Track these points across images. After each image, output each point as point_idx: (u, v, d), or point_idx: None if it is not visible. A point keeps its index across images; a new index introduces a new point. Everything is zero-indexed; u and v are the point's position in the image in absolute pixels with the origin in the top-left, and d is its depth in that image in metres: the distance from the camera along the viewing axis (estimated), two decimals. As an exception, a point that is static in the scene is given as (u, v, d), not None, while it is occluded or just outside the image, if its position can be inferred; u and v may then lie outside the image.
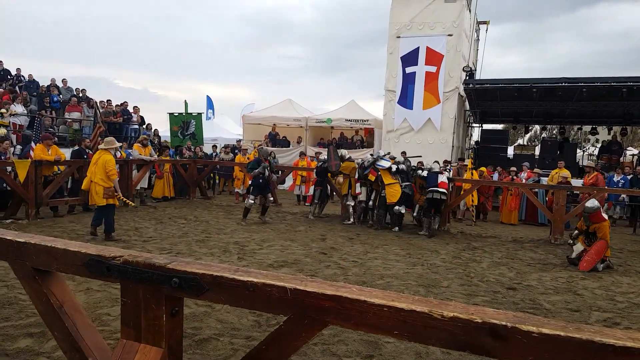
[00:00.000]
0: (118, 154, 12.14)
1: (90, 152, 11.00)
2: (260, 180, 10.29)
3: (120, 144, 9.98)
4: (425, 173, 10.19)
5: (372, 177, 10.29)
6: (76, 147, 11.63)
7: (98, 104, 15.38)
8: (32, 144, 10.87)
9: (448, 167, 11.29)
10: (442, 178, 9.84)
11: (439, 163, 10.83)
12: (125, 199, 8.87)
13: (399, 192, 9.98)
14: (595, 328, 1.18)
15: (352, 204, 10.92)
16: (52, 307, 2.03)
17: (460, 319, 1.26)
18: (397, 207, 10.11)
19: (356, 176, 10.76)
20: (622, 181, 12.56)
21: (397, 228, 10.13)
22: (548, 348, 1.15)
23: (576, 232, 8.48)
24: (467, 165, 13.09)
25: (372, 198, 10.55)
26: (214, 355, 3.73)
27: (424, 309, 1.31)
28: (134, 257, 1.82)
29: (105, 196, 7.85)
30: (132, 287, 1.80)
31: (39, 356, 3.58)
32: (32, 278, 2.04)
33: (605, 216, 8.02)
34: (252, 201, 10.41)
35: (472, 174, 12.50)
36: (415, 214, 10.69)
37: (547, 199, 11.42)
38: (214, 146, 17.30)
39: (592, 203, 7.90)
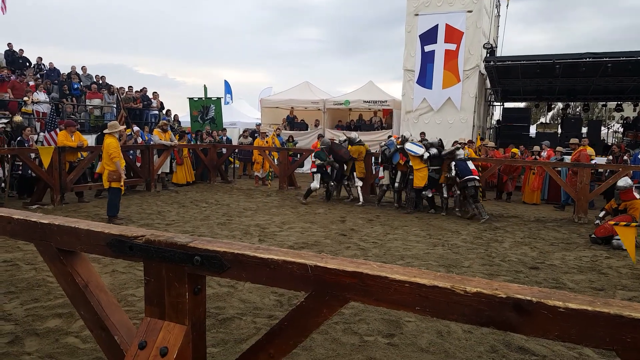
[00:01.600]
0: (139, 140, 12.32)
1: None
2: (324, 169, 10.89)
3: (123, 127, 10.15)
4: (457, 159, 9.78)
5: (402, 162, 10.19)
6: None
7: (119, 91, 15.55)
8: (46, 133, 11.10)
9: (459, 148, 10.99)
10: (471, 165, 9.63)
11: (441, 140, 10.70)
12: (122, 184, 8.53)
13: (426, 176, 9.90)
14: (624, 302, 1.15)
15: (360, 184, 11.02)
16: (78, 286, 2.08)
17: (483, 294, 1.23)
18: (424, 192, 10.07)
19: (379, 160, 10.75)
20: (650, 158, 12.23)
21: (432, 210, 10.10)
22: (575, 323, 1.13)
23: (603, 212, 8.32)
24: (487, 145, 12.89)
25: (397, 180, 10.46)
26: (237, 334, 3.79)
27: (446, 284, 1.29)
28: (156, 236, 1.84)
29: (110, 179, 7.98)
30: (155, 265, 1.82)
31: (68, 335, 3.70)
32: (57, 258, 2.09)
33: (637, 195, 7.85)
34: (317, 185, 10.90)
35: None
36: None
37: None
38: (246, 130, 17.31)
39: (624, 182, 7.78)
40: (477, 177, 9.52)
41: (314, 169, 10.95)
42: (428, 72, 16.81)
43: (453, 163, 9.71)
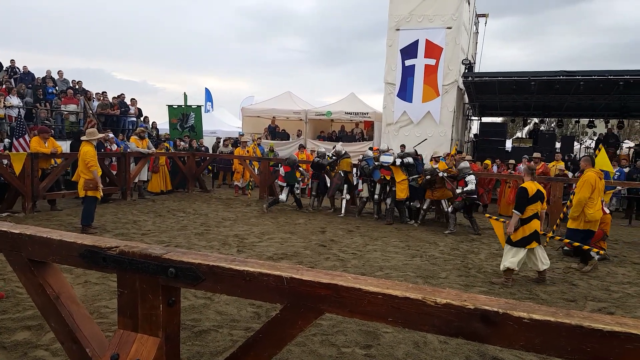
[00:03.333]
0: (114, 147, 12.14)
1: (109, 145, 11.76)
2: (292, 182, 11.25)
3: (102, 135, 10.12)
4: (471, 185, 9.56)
5: (387, 177, 10.29)
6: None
7: (87, 98, 15.32)
8: (14, 139, 10.86)
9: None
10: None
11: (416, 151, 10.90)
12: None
13: (407, 188, 10.05)
14: (585, 314, 1.19)
15: (348, 197, 11.15)
16: (49, 298, 2.05)
17: (453, 305, 1.27)
18: (412, 203, 10.18)
19: (358, 173, 10.88)
20: (619, 173, 12.58)
21: (416, 223, 10.09)
22: (539, 333, 1.17)
23: None
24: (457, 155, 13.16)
25: (377, 192, 10.55)
26: (213, 347, 3.75)
27: (417, 296, 1.32)
28: (130, 247, 1.83)
29: (86, 188, 7.81)
30: (129, 277, 1.81)
31: (37, 348, 3.60)
32: (28, 269, 2.05)
33: (607, 210, 8.06)
34: (285, 198, 11.19)
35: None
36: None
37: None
38: (218, 138, 17.27)
39: None
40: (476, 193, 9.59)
41: (282, 183, 11.12)
42: (408, 86, 17.06)
43: (472, 177, 9.54)
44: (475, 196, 9.53)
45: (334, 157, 11.38)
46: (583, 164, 7.44)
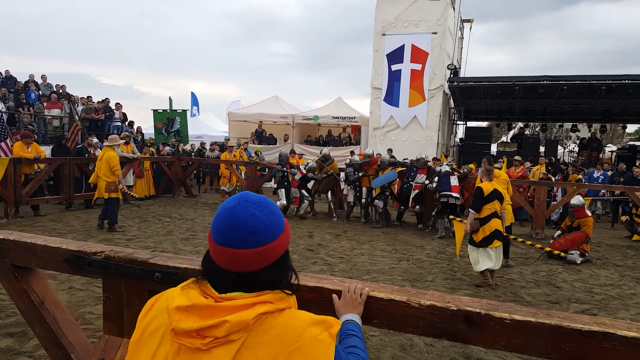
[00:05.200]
0: (98, 152, 12.01)
1: (93, 150, 11.76)
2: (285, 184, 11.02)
3: (94, 140, 10.16)
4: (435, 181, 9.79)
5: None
6: (79, 145, 12.09)
7: (73, 102, 15.14)
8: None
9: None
10: (454, 181, 9.48)
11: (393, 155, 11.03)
12: (128, 192, 10.17)
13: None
14: (564, 314, 1.22)
15: (332, 200, 11.27)
16: (33, 303, 2.02)
17: (436, 307, 1.29)
18: (417, 207, 10.23)
19: (344, 179, 10.94)
20: (602, 177, 12.81)
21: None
22: (520, 334, 1.20)
23: (559, 232, 8.65)
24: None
25: (363, 196, 10.60)
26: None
27: (402, 298, 1.34)
28: (115, 252, 1.82)
29: (108, 190, 8.41)
30: (114, 282, 1.80)
31: (20, 355, 3.55)
32: (12, 275, 2.03)
33: (589, 213, 8.20)
34: (285, 202, 10.85)
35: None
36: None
37: (529, 194, 11.57)
38: (202, 143, 17.21)
39: (577, 200, 8.11)
40: (456, 195, 9.38)
41: (276, 185, 11.07)
42: (395, 91, 17.19)
43: (436, 177, 9.79)
44: (447, 199, 9.47)
45: (320, 161, 11.40)
46: (482, 163, 7.97)
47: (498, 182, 7.23)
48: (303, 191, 11.08)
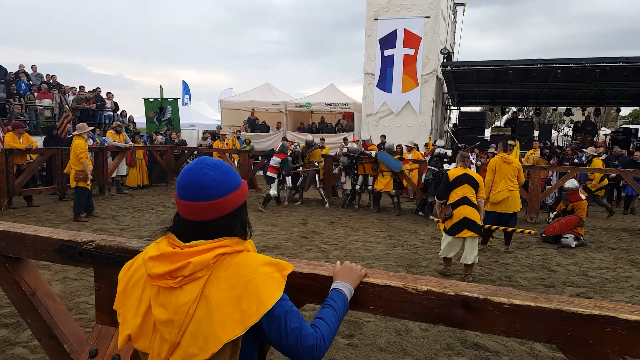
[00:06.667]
0: (90, 142, 11.89)
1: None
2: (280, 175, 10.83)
3: (91, 128, 9.92)
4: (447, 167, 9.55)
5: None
6: (70, 135, 11.66)
7: (63, 93, 14.95)
8: None
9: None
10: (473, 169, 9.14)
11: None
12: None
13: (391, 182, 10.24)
14: (564, 298, 1.21)
15: (322, 186, 11.20)
16: (25, 294, 1.99)
17: (434, 292, 1.27)
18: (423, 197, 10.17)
19: (340, 166, 10.89)
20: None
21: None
22: (519, 318, 1.18)
23: (554, 213, 8.69)
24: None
25: (358, 183, 10.59)
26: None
27: (398, 283, 1.32)
28: (106, 241, 1.79)
29: (76, 179, 8.32)
30: (106, 272, 1.77)
31: (15, 346, 3.53)
32: (3, 266, 1.99)
33: (583, 196, 8.23)
34: (276, 192, 10.59)
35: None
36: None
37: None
38: (205, 132, 17.03)
39: (571, 183, 8.14)
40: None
41: (274, 174, 10.73)
42: (388, 76, 17.08)
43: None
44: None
45: (303, 148, 11.30)
46: (497, 149, 8.01)
47: (510, 169, 7.19)
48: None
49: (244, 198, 1.36)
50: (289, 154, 10.87)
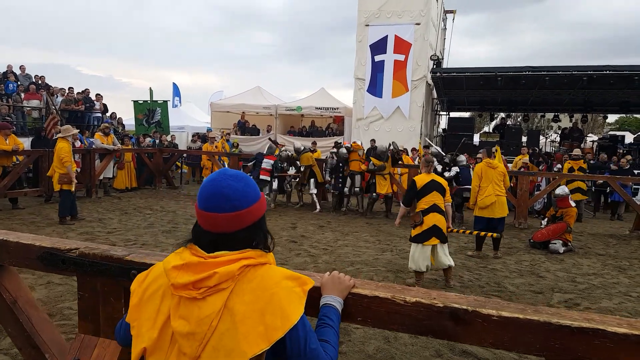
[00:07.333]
0: (78, 143, 11.76)
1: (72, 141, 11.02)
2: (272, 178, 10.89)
3: (77, 130, 9.80)
4: (454, 171, 9.61)
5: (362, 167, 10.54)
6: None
7: (51, 94, 14.78)
8: None
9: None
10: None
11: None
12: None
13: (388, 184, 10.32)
14: (553, 310, 1.20)
15: (315, 192, 11.06)
16: (5, 303, 1.95)
17: (422, 303, 1.26)
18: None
19: (328, 169, 10.93)
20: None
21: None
22: (508, 330, 1.17)
23: (546, 219, 8.77)
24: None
25: (347, 185, 10.61)
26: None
27: (387, 294, 1.31)
28: (90, 249, 1.75)
29: (60, 182, 8.24)
30: (90, 280, 1.73)
31: (-3, 353, 3.45)
32: (-17, 273, 1.95)
33: (573, 204, 8.30)
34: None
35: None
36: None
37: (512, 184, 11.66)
38: (195, 134, 16.94)
39: (561, 190, 8.22)
40: None
41: (267, 177, 10.77)
42: (378, 81, 17.16)
43: (456, 168, 9.66)
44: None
45: (293, 154, 11.30)
46: (481, 155, 8.10)
47: (495, 173, 7.24)
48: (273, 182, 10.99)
49: (264, 210, 1.36)
50: (276, 154, 10.95)
